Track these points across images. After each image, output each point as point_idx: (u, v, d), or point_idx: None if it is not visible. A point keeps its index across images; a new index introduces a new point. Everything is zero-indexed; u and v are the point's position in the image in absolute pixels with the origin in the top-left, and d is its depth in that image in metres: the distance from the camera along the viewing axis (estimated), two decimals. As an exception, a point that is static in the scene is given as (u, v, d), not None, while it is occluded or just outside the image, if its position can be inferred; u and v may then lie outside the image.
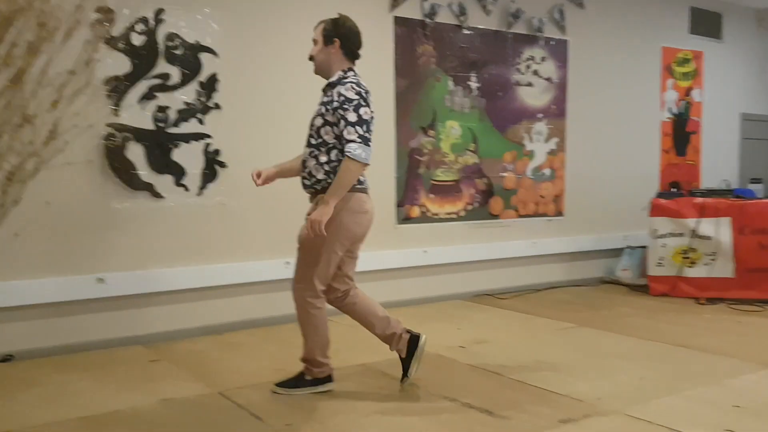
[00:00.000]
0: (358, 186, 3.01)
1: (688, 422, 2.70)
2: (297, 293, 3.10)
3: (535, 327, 4.52)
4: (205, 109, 4.30)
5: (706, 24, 7.14)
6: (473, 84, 5.50)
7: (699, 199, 5.58)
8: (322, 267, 3.02)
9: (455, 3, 5.34)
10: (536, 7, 5.81)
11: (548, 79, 5.93)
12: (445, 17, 5.32)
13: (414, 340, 3.20)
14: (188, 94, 4.23)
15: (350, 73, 3.05)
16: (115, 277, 4.01)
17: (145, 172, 4.10)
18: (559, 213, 6.07)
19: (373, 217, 3.12)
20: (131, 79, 4.02)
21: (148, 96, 4.09)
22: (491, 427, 2.69)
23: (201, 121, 4.29)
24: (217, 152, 4.35)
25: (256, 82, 4.49)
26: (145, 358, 3.78)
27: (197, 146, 4.29)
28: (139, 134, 4.06)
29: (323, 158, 3.00)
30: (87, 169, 3.91)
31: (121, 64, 3.99)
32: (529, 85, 5.82)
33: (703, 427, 2.65)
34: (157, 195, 4.15)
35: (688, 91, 7.00)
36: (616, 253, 6.26)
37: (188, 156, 4.25)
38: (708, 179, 7.19)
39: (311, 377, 3.13)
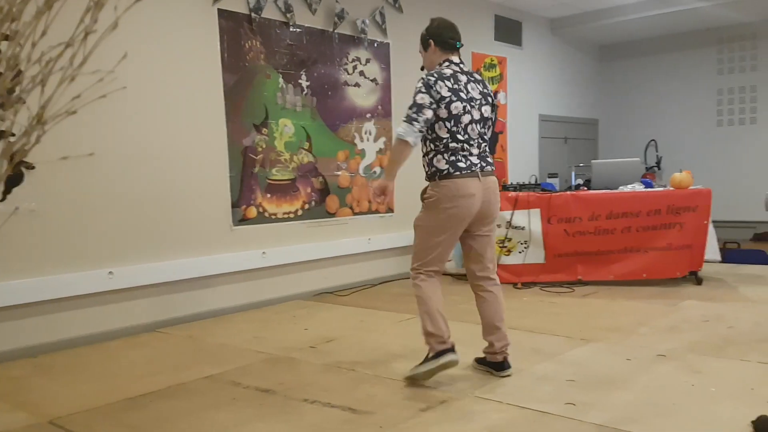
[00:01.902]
0: (454, 172, 3.05)
1: (533, 399, 2.89)
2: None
3: (377, 321, 4.60)
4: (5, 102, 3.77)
5: (509, 31, 7.79)
6: (304, 82, 5.45)
7: (512, 193, 6.02)
8: (423, 249, 3.20)
9: (282, -1, 5.26)
10: (359, 9, 5.91)
11: (374, 81, 6.07)
12: (271, 13, 5.20)
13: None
14: (-15, 85, 3.68)
15: (444, 64, 3.15)
16: None
17: (-68, 176, 3.49)
18: (390, 210, 6.25)
19: (479, 198, 3.10)
20: None
21: (-67, 86, 3.48)
22: (357, 425, 2.67)
23: (1, 117, 3.75)
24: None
25: (67, 73, 4.03)
26: (-55, 394, 3.23)
27: (-2, 145, 3.74)
28: None
29: (424, 149, 3.17)
30: None
31: None
32: (357, 85, 5.91)
33: (546, 403, 2.84)
34: (-52, 202, 3.56)
35: (495, 95, 7.58)
36: (441, 245, 6.60)
37: (-13, 156, 3.70)
38: (514, 175, 7.86)
39: (432, 353, 3.11)
